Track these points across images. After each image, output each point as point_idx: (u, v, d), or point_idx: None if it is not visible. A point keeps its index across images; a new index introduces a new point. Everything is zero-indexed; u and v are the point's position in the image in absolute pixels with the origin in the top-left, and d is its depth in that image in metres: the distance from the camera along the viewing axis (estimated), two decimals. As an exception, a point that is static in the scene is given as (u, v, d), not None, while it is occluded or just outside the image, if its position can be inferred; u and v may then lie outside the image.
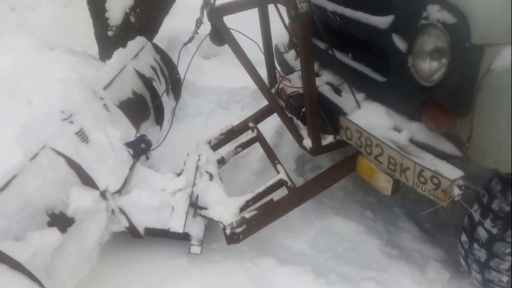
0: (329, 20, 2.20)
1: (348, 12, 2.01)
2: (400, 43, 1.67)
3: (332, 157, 2.82)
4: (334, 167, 2.14)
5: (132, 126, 2.45)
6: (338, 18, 2.11)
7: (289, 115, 2.39)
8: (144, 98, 2.95)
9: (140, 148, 2.17)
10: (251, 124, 2.78)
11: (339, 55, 2.24)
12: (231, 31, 2.05)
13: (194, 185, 2.22)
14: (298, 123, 2.30)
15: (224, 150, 2.70)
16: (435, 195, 1.55)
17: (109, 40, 3.60)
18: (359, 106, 1.95)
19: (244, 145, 2.71)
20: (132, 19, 3.39)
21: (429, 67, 1.55)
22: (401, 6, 1.65)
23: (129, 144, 2.14)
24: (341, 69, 2.19)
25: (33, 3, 6.13)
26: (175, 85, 3.55)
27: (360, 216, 2.45)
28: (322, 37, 2.52)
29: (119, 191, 1.97)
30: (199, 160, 2.52)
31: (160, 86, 3.28)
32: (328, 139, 2.13)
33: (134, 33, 3.43)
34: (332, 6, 2.17)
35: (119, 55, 2.81)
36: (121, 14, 3.42)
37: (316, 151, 2.10)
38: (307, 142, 2.11)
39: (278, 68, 2.77)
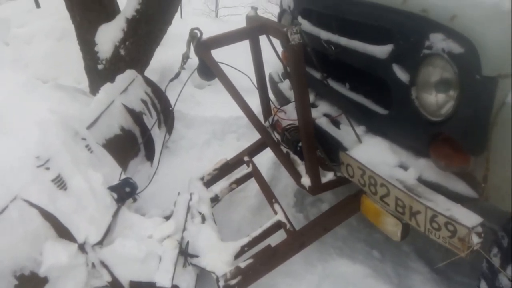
0: (324, 49, 2.09)
1: (344, 41, 1.89)
2: (401, 74, 1.54)
3: (334, 189, 2.65)
4: (336, 207, 1.96)
5: (118, 166, 2.30)
6: (333, 48, 1.99)
7: (285, 149, 2.24)
8: (133, 133, 2.81)
9: (124, 192, 2.01)
10: (246, 158, 2.62)
11: (336, 86, 2.11)
12: (221, 64, 1.92)
13: (184, 229, 2.05)
14: (295, 158, 2.14)
15: (218, 187, 2.53)
16: (451, 243, 1.38)
17: (99, 73, 3.50)
18: (360, 140, 1.80)
19: (239, 181, 2.55)
20: (122, 52, 3.29)
21: (436, 100, 1.41)
22: (400, 34, 1.52)
23: (113, 188, 1.97)
24: (338, 101, 2.06)
25: (27, 37, 6.11)
26: (167, 117, 3.42)
27: (367, 257, 2.26)
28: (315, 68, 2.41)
29: (100, 242, 1.79)
30: (190, 199, 2.35)
31: (151, 120, 3.14)
32: (328, 176, 1.97)
33: (124, 66, 3.33)
34: (326, 35, 2.06)
35: (106, 90, 2.69)
36: (110, 47, 3.33)
37: (315, 190, 1.93)
38: (306, 180, 1.95)
39: (273, 98, 2.64)
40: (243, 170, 2.62)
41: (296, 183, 2.05)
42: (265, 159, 3.04)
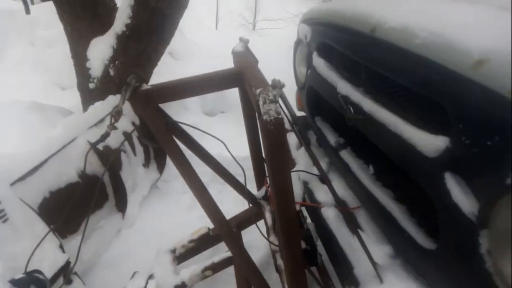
0: (339, 106, 1.40)
1: (368, 104, 1.19)
2: (461, 197, 0.81)
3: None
4: None
5: (54, 236, 1.73)
6: (351, 110, 1.29)
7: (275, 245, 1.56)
8: (97, 180, 2.24)
9: (34, 288, 1.42)
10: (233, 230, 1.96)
11: (353, 162, 1.41)
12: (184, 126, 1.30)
13: None
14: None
15: (188, 272, 1.89)
16: None
17: (90, 93, 3.00)
18: (380, 280, 1.08)
19: (216, 267, 1.90)
20: (111, 72, 2.77)
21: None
22: (465, 126, 0.80)
23: (16, 283, 1.39)
24: (356, 189, 1.36)
25: (51, 40, 5.87)
26: (159, 152, 2.85)
27: None
28: (333, 124, 1.71)
29: None
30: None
31: (134, 158, 2.57)
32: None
33: (114, 88, 2.81)
34: (345, 88, 1.37)
35: (69, 124, 2.16)
36: (100, 65, 2.82)
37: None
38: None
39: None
40: (224, 248, 1.97)
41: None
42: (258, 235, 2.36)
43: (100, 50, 2.79)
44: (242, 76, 1.13)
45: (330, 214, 1.41)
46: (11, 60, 6.21)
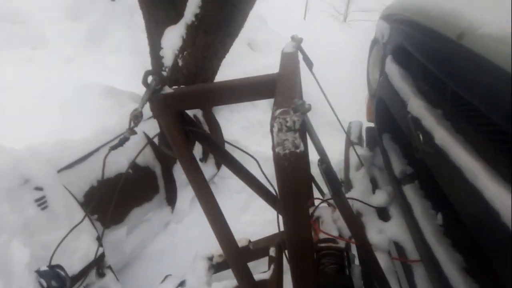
0: (408, 131, 1.10)
1: (442, 135, 0.89)
2: None
3: None
4: None
5: (92, 227, 1.72)
6: (421, 137, 0.99)
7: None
8: (151, 171, 2.22)
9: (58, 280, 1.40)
10: (271, 251, 1.77)
11: (417, 207, 1.10)
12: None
13: None
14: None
15: (221, 285, 1.75)
16: None
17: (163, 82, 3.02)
18: None
19: (249, 287, 1.72)
20: (180, 62, 2.72)
21: None
22: None
23: (42, 274, 1.39)
24: (416, 239, 1.06)
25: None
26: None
27: None
28: (403, 147, 1.40)
29: None
30: (171, 297, 1.64)
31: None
32: None
33: (182, 79, 2.77)
34: (417, 108, 1.06)
35: (126, 114, 2.14)
36: (171, 54, 2.80)
37: None
38: None
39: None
40: (263, 268, 1.79)
41: None
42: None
43: (172, 39, 2.76)
44: (273, 85, 0.91)
45: (384, 259, 1.13)
46: (111, 43, 6.71)
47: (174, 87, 1.04)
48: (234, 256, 1.28)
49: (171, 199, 2.35)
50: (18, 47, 6.07)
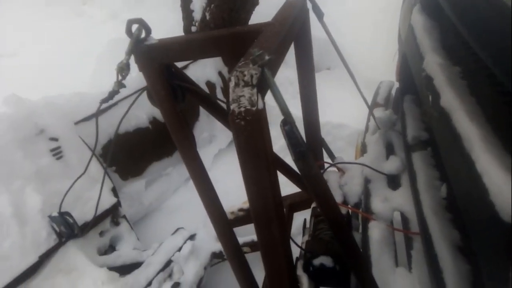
0: (421, 91, 0.97)
1: (448, 96, 0.75)
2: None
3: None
4: None
5: (107, 179, 1.77)
6: (430, 100, 0.86)
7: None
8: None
9: (71, 225, 1.47)
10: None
11: (422, 176, 0.98)
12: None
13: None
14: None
15: (229, 242, 1.76)
16: None
17: (192, 36, 2.96)
18: None
19: (255, 246, 1.72)
20: (207, 16, 2.63)
21: None
22: None
23: (53, 219, 1.46)
24: (417, 211, 0.95)
25: None
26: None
27: None
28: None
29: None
30: (179, 250, 1.68)
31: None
32: None
33: (210, 33, 2.69)
34: (432, 63, 0.91)
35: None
36: (200, 8, 2.72)
37: None
38: None
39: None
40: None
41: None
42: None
43: (201, -9, 2.66)
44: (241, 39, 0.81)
45: (376, 234, 1.04)
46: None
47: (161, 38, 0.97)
48: (221, 225, 1.25)
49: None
50: (69, 2, 6.24)
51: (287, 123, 0.62)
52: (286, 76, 3.07)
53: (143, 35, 0.96)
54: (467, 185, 0.61)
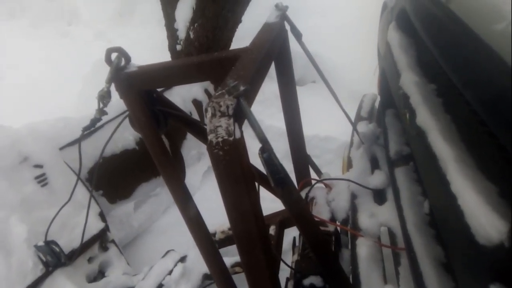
0: (399, 108, 0.99)
1: (424, 115, 0.77)
2: None
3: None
4: None
5: (94, 203, 1.75)
6: (407, 117, 0.88)
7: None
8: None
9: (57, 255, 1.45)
10: (272, 228, 1.72)
11: (405, 191, 0.99)
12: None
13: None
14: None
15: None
16: None
17: (177, 55, 2.98)
18: None
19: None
20: (191, 34, 2.66)
21: None
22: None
23: (39, 249, 1.43)
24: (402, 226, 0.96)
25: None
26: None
27: None
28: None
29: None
30: (170, 273, 1.66)
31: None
32: None
33: (194, 52, 2.72)
34: (408, 80, 0.93)
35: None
36: (183, 26, 2.74)
37: None
38: None
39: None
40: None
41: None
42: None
43: (184, 11, 2.68)
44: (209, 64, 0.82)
45: (364, 251, 1.05)
46: (140, 17, 6.72)
47: (141, 65, 0.98)
48: (204, 243, 1.25)
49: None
50: (54, 23, 6.23)
51: (265, 151, 0.63)
52: (272, 90, 3.09)
53: (122, 63, 0.96)
54: (444, 205, 0.62)
